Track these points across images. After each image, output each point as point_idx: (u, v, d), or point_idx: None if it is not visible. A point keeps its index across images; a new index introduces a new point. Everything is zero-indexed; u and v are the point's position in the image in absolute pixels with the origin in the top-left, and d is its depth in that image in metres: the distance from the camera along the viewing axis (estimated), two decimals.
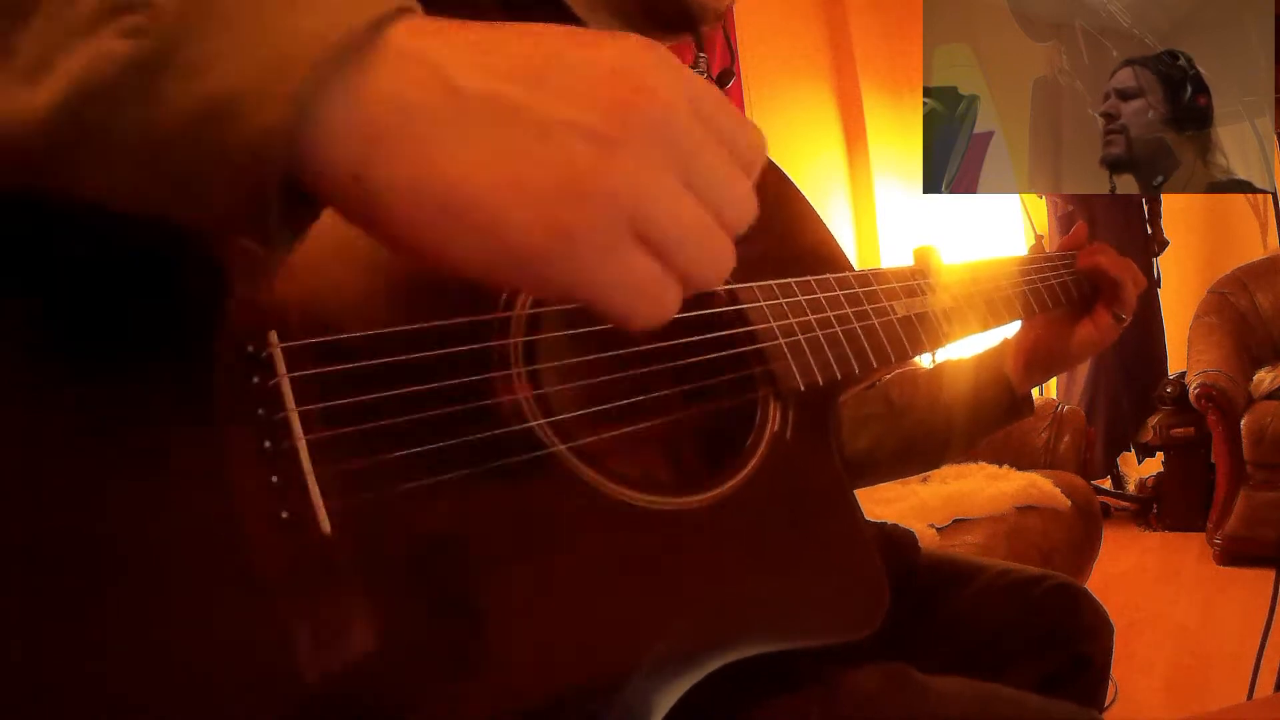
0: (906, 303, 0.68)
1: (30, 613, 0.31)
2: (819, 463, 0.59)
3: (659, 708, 0.43)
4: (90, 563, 0.33)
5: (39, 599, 0.31)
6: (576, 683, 0.41)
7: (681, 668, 0.44)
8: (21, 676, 0.31)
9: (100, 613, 0.32)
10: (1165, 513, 3.29)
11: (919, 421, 0.83)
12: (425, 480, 0.40)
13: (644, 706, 0.42)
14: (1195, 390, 2.91)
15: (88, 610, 0.32)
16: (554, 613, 0.42)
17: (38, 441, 0.33)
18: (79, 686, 0.31)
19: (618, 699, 0.41)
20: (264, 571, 0.36)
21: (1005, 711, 0.53)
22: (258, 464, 0.37)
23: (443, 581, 0.40)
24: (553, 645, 0.41)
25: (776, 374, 0.57)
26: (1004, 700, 0.54)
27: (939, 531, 1.97)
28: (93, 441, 0.34)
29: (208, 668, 0.34)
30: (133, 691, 0.32)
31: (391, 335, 0.42)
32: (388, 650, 0.37)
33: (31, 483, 0.32)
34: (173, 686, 0.33)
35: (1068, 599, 0.80)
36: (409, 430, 0.41)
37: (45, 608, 0.31)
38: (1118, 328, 0.84)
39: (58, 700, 0.31)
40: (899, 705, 0.53)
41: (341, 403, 0.39)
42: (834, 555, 0.56)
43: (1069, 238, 0.90)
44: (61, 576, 0.32)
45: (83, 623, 0.32)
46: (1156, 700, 1.97)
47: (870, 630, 0.52)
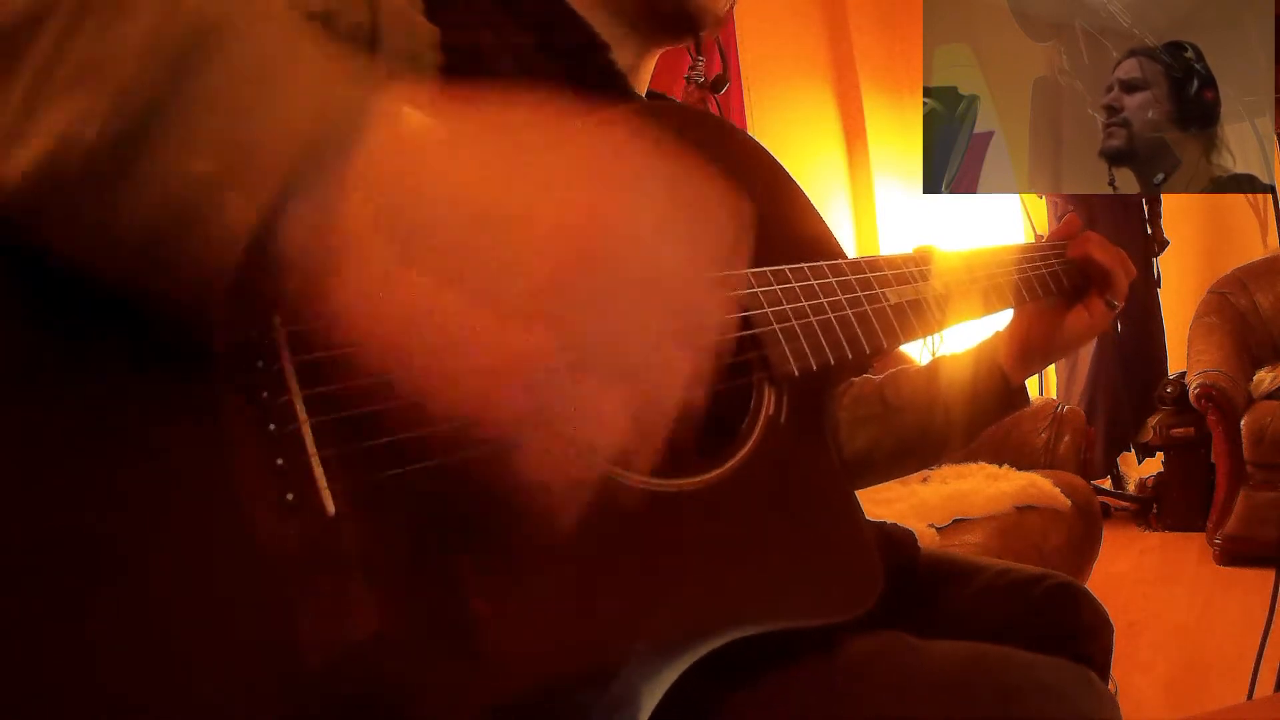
0: (899, 290, 0.69)
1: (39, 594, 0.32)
2: (813, 447, 0.60)
3: (658, 684, 0.43)
4: (96, 546, 0.33)
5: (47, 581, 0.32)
6: (574, 663, 0.42)
7: (677, 648, 0.45)
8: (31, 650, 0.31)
9: (105, 597, 0.33)
10: (1165, 513, 3.29)
11: (915, 418, 0.83)
12: (427, 463, 0.41)
13: (641, 683, 0.43)
14: (1195, 390, 2.91)
15: (94, 594, 0.32)
16: (552, 594, 0.42)
17: (42, 427, 0.33)
18: (88, 666, 0.32)
19: (615, 678, 0.42)
20: (269, 552, 0.36)
21: (996, 667, 0.54)
22: (263, 447, 0.37)
23: (443, 562, 0.40)
24: (550, 626, 0.42)
25: (770, 359, 0.58)
26: (995, 657, 0.55)
27: (939, 531, 1.97)
28: (98, 426, 0.34)
29: (213, 650, 0.34)
30: (139, 673, 0.33)
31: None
32: (389, 632, 0.37)
33: (37, 468, 0.33)
34: (177, 668, 0.33)
35: (1067, 598, 0.80)
36: (412, 413, 0.41)
37: (53, 590, 0.32)
38: (1110, 314, 0.84)
39: (70, 677, 0.31)
40: (893, 664, 0.54)
41: (345, 386, 0.40)
42: (827, 536, 0.57)
43: (1060, 228, 0.90)
44: (68, 562, 0.32)
45: (90, 606, 0.32)
46: (1156, 700, 1.97)
47: (863, 610, 0.53)
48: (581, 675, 0.41)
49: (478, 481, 0.42)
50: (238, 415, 0.37)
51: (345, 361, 0.40)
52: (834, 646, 0.55)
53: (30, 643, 0.31)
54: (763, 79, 3.10)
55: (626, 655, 0.43)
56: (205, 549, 0.35)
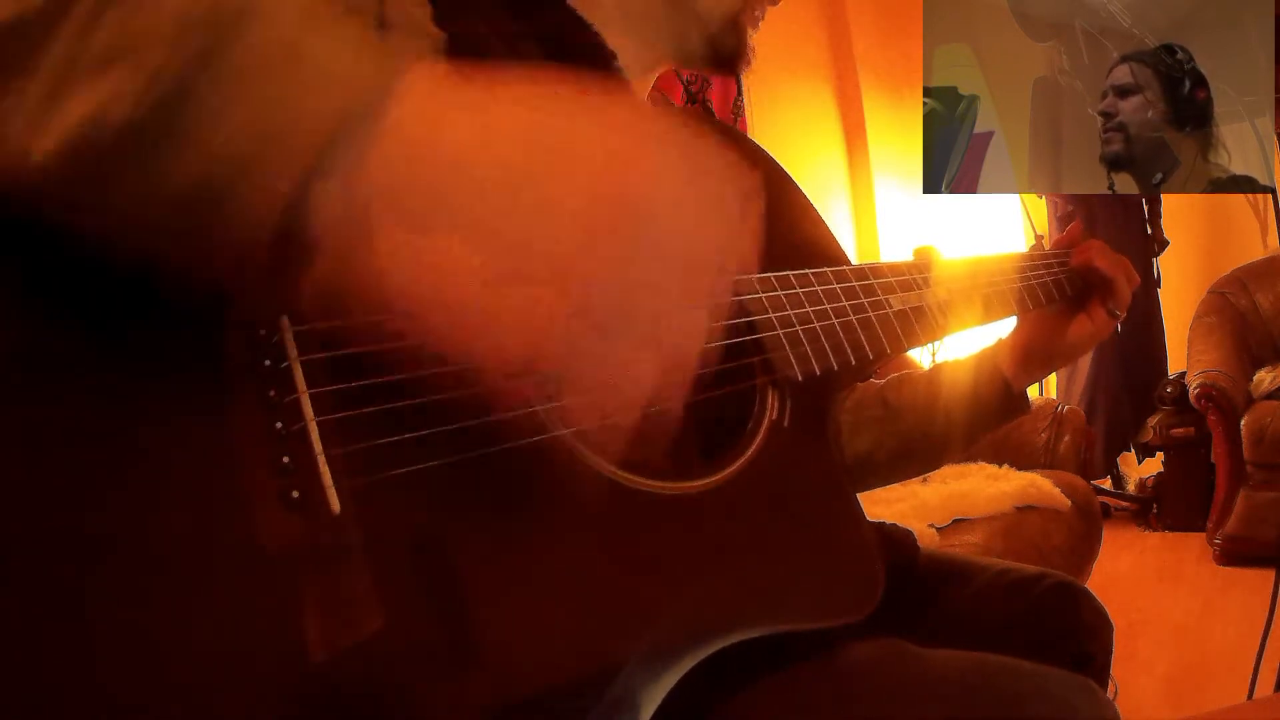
0: (902, 296, 0.69)
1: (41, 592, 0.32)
2: (816, 450, 0.61)
3: (659, 687, 0.44)
4: (101, 544, 0.33)
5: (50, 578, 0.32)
6: (575, 663, 0.42)
7: (679, 650, 0.45)
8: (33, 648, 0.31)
9: (109, 594, 0.33)
10: (1165, 513, 3.29)
11: (917, 422, 0.83)
12: (431, 463, 0.41)
13: (642, 685, 0.43)
14: (1195, 390, 2.91)
15: (97, 591, 0.33)
16: (554, 595, 0.43)
17: (47, 424, 0.34)
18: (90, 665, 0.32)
19: (616, 679, 0.42)
20: (274, 549, 0.36)
21: (998, 676, 0.54)
22: (269, 445, 0.38)
23: (446, 562, 0.40)
24: (551, 627, 0.42)
25: (774, 363, 0.59)
26: (996, 666, 0.55)
27: (939, 531, 1.97)
28: (103, 424, 0.35)
29: (216, 647, 0.34)
30: (141, 671, 0.33)
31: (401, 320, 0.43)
32: (392, 630, 0.37)
33: (40, 465, 0.33)
34: (180, 665, 0.33)
35: (1067, 597, 0.80)
36: (417, 413, 0.42)
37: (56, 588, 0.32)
38: (1112, 323, 0.84)
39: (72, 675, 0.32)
40: (894, 673, 0.54)
41: (351, 385, 0.40)
42: (829, 540, 0.57)
43: (1064, 235, 0.91)
44: (72, 558, 0.32)
45: (93, 603, 0.32)
46: (1156, 700, 1.97)
47: (865, 614, 0.53)
48: (582, 676, 0.42)
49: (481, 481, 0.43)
50: (245, 413, 0.38)
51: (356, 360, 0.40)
52: (834, 653, 0.55)
53: (32, 641, 0.31)
54: (763, 79, 3.10)
55: (627, 657, 0.43)
56: (210, 546, 0.35)
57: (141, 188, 0.31)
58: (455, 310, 0.32)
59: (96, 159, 0.31)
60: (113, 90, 0.31)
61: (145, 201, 0.32)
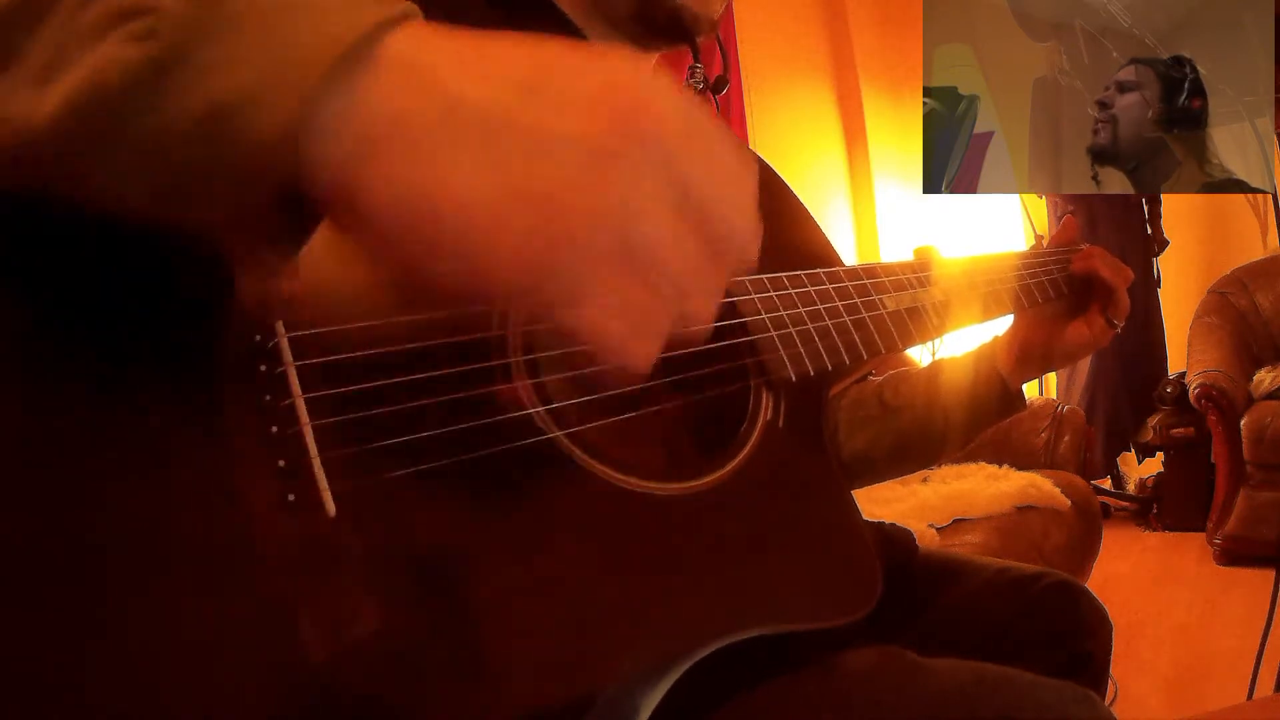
0: (896, 296, 0.70)
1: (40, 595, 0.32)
2: (810, 451, 0.61)
3: (655, 689, 0.43)
4: (97, 547, 0.33)
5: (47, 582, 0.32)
6: (572, 665, 0.42)
7: (675, 651, 0.45)
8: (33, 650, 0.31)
9: (106, 598, 0.33)
10: (1165, 513, 3.29)
11: (914, 419, 0.83)
12: (426, 465, 0.41)
13: (638, 687, 0.43)
14: (1195, 390, 2.91)
15: (95, 595, 0.33)
16: (550, 595, 0.43)
17: (43, 428, 0.34)
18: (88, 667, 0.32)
19: (613, 681, 0.42)
20: (270, 553, 0.36)
21: (997, 687, 0.54)
22: (265, 449, 0.38)
23: (443, 564, 0.41)
24: (548, 628, 0.42)
25: (768, 364, 0.59)
26: (996, 677, 0.55)
27: (939, 531, 1.97)
28: (99, 427, 0.35)
29: (214, 650, 0.34)
30: (139, 673, 0.33)
31: (395, 325, 0.43)
32: (389, 634, 0.37)
33: (37, 469, 0.33)
34: (178, 668, 0.33)
35: (1067, 596, 0.80)
36: (412, 416, 0.42)
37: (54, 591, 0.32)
38: (1110, 332, 0.85)
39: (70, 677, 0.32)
40: (893, 682, 0.54)
41: (346, 389, 0.40)
42: (825, 539, 0.57)
43: (1059, 232, 0.91)
44: (69, 562, 0.33)
45: (91, 606, 0.32)
46: (1156, 700, 1.97)
47: (863, 613, 0.53)
48: (579, 677, 0.41)
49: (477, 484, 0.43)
50: (240, 417, 0.38)
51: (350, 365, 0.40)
52: (833, 660, 0.55)
53: (30, 643, 0.31)
54: (763, 79, 3.10)
55: (624, 658, 0.43)
56: (206, 549, 0.35)
57: (148, 128, 0.30)
58: (468, 232, 0.30)
59: (102, 107, 0.30)
60: (114, 50, 0.30)
61: (151, 148, 0.31)
